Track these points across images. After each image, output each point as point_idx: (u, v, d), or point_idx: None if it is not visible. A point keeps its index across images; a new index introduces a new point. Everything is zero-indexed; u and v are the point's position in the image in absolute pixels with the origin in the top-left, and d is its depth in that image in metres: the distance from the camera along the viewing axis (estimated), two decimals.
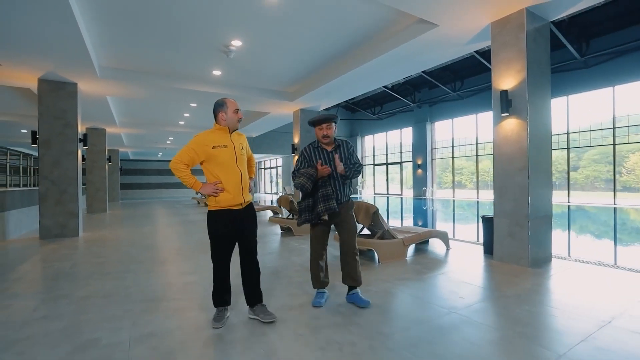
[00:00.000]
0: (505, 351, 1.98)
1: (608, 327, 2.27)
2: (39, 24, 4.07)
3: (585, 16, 10.57)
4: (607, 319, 2.41)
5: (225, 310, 2.43)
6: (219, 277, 2.38)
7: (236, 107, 2.39)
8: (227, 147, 2.33)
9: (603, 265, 3.85)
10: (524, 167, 3.83)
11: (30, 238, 6.22)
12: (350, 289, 2.76)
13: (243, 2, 4.15)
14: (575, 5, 3.77)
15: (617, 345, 2.03)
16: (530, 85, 3.83)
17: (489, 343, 2.08)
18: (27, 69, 5.60)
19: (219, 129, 2.37)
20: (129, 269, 3.93)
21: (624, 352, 1.96)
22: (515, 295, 2.92)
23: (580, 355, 1.92)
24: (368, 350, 1.99)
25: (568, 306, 2.65)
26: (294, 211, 6.52)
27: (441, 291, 3.08)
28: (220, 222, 2.33)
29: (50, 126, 6.21)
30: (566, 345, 2.03)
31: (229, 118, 2.35)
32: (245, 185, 2.39)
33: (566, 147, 13.50)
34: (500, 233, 4.07)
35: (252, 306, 2.45)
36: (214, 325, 2.30)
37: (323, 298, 2.72)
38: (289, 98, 8.22)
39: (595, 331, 2.21)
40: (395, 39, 4.93)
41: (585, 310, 2.56)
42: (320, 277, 2.74)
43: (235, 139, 2.40)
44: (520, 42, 3.84)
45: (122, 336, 2.20)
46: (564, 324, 2.33)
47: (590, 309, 2.58)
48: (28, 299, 2.96)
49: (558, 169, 13.63)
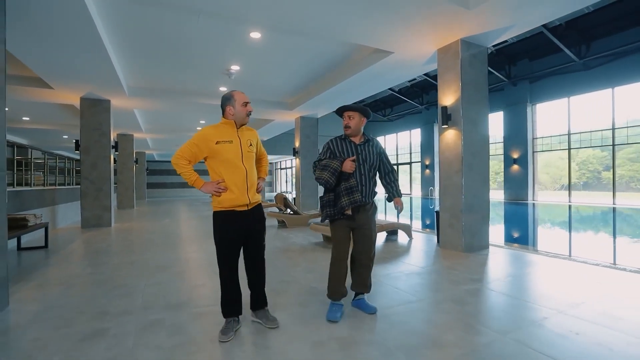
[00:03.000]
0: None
1: (481, 285, 3.15)
2: (83, 60, 5.34)
3: (587, 18, 10.73)
4: (490, 280, 3.28)
5: (235, 321, 2.24)
6: (226, 284, 2.21)
7: (245, 100, 2.21)
8: (232, 143, 2.15)
9: (526, 251, 4.64)
10: (459, 170, 4.67)
11: (73, 227, 7.63)
12: (357, 294, 2.62)
13: (235, 38, 5.25)
14: (500, 37, 4.57)
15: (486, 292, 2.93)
16: (465, 102, 4.66)
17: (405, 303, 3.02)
18: (72, 91, 6.98)
19: (226, 123, 2.21)
20: (148, 248, 5.12)
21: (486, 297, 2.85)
22: (436, 270, 3.81)
23: (458, 294, 2.83)
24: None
25: (466, 278, 3.53)
26: (287, 207, 7.57)
27: (390, 269, 4.01)
28: (224, 224, 2.17)
29: (89, 135, 7.59)
30: (448, 289, 2.94)
31: (237, 111, 2.19)
32: (251, 185, 2.20)
33: (606, 144, 12.59)
34: (443, 224, 4.92)
35: (255, 310, 2.36)
36: (220, 338, 2.10)
37: (339, 312, 2.43)
38: (289, 108, 9.30)
39: (466, 287, 3.10)
40: (365, 62, 5.90)
41: (473, 275, 3.43)
42: (340, 287, 2.46)
43: (242, 134, 2.23)
44: (456, 66, 4.68)
45: (141, 284, 3.32)
46: (453, 281, 3.23)
47: (479, 278, 3.45)
48: (80, 264, 4.18)
49: (589, 168, 13.40)
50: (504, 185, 15.58)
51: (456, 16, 4.02)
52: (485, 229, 4.88)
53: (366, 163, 2.48)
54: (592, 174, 13.58)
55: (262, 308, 2.35)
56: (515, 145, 15.09)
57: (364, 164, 2.47)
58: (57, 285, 3.32)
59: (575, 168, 13.70)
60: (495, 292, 2.99)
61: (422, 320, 2.42)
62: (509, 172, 15.26)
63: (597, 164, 13.25)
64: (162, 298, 2.91)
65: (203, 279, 3.45)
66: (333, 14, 4.03)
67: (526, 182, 14.70)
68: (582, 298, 2.82)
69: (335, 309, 2.43)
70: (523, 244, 6.00)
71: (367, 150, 2.50)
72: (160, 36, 5.15)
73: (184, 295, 2.98)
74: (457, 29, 4.36)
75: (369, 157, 2.50)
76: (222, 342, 2.07)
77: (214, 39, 5.29)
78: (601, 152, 13.30)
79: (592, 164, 13.47)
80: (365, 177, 2.46)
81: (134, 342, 2.11)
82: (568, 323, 2.33)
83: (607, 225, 8.73)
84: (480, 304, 2.74)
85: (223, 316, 2.24)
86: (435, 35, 4.61)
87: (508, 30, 4.42)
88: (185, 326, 2.34)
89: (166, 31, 4.98)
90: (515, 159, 15.07)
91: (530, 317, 2.45)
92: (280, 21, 4.25)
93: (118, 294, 3.01)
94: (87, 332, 2.25)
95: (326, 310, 2.50)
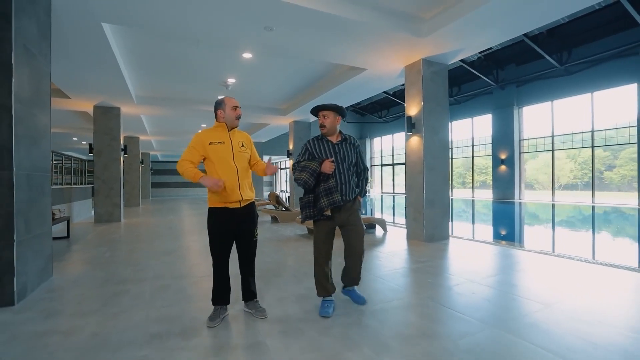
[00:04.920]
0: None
1: (423, 265, 3.92)
2: (99, 76, 6.17)
3: (567, 26, 11.32)
4: (432, 263, 4.06)
5: (223, 309, 2.41)
6: (217, 274, 2.39)
7: (234, 104, 2.39)
8: (224, 144, 2.32)
9: (478, 242, 5.41)
10: (421, 170, 5.43)
11: (88, 222, 8.48)
12: (347, 285, 2.71)
13: (231, 58, 6.08)
14: (456, 57, 5.34)
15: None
16: (426, 113, 5.42)
17: None
18: (87, 100, 7.82)
19: (218, 125, 2.39)
20: (155, 239, 5.94)
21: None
22: (398, 254, 4.60)
23: (408, 269, 3.62)
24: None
25: (421, 262, 4.31)
26: (280, 204, 8.36)
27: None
28: (217, 221, 2.33)
29: (101, 140, 8.43)
30: (391, 267, 3.72)
31: (227, 115, 2.37)
32: (243, 182, 2.34)
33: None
34: (409, 218, 5.69)
35: (247, 301, 2.53)
36: (208, 324, 2.28)
37: (331, 308, 2.48)
38: (282, 113, 10.11)
39: (415, 266, 3.87)
40: (344, 76, 6.73)
41: (421, 258, 4.21)
42: (327, 286, 2.52)
43: (234, 136, 2.40)
44: (419, 82, 5.44)
45: (151, 262, 4.13)
46: (407, 262, 4.01)
47: (425, 260, 4.23)
48: (99, 249, 5.00)
49: (590, 167, 13.70)
50: (492, 184, 16.28)
51: (414, 42, 4.79)
52: (445, 222, 5.64)
53: (345, 162, 2.51)
54: (586, 175, 13.99)
55: (252, 299, 2.51)
56: (503, 146, 15.78)
57: (342, 162, 2.51)
58: (84, 264, 4.14)
59: (573, 168, 14.07)
60: (428, 269, 3.77)
61: (366, 286, 3.20)
62: (497, 172, 15.95)
63: (600, 164, 13.42)
64: (168, 271, 3.72)
65: (199, 260, 4.26)
66: (314, 41, 4.81)
67: (513, 182, 15.39)
68: (494, 271, 3.59)
69: (327, 305, 2.49)
70: (483, 237, 6.76)
71: (344, 149, 2.54)
72: (165, 56, 5.97)
73: (184, 270, 3.79)
74: (418, 51, 5.13)
75: (347, 155, 2.54)
76: (209, 328, 2.25)
77: (213, 59, 6.11)
78: (604, 151, 13.53)
79: (588, 165, 13.80)
80: (345, 176, 2.50)
81: (149, 296, 2.92)
82: (473, 287, 3.11)
83: (562, 219, 9.57)
84: (416, 276, 3.52)
85: (212, 303, 2.40)
86: (401, 55, 5.37)
87: (460, 52, 5.18)
88: (186, 289, 3.14)
89: (171, 53, 5.81)
90: (503, 160, 15.76)
91: (446, 284, 3.23)
92: (267, 47, 5.05)
93: (134, 269, 3.82)
94: (115, 291, 3.06)
95: (300, 290, 3.01)
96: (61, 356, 1.93)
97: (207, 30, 4.41)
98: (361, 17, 4.15)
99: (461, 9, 4.06)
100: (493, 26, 4.30)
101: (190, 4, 3.74)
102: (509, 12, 3.94)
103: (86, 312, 2.56)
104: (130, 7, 3.79)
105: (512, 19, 4.14)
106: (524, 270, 3.66)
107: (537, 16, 4.13)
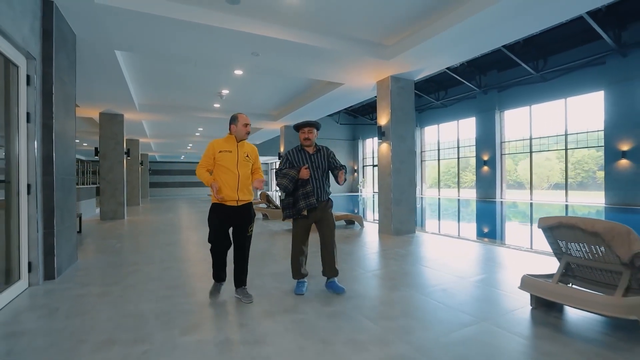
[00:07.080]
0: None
1: (387, 251, 4.75)
2: (107, 88, 6.96)
3: (543, 36, 11.88)
4: (395, 250, 4.89)
5: (221, 284, 2.96)
6: (214, 257, 2.85)
7: (245, 122, 2.84)
8: (231, 152, 2.77)
9: (439, 235, 6.26)
10: (390, 173, 6.26)
11: (94, 220, 9.25)
12: (328, 277, 3.09)
13: (224, 73, 6.89)
14: (420, 74, 6.18)
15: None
16: (394, 123, 6.25)
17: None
18: (94, 107, 8.59)
19: (229, 137, 2.84)
20: (158, 233, 6.74)
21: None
22: (368, 244, 5.43)
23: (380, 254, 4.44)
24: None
25: (388, 250, 5.14)
26: (270, 203, 9.18)
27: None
28: (215, 212, 2.78)
29: (106, 144, 9.20)
30: (365, 255, 4.55)
31: (238, 130, 2.82)
32: (242, 186, 2.77)
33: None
34: (381, 214, 6.52)
35: (237, 287, 2.91)
36: (210, 297, 2.90)
37: (304, 287, 3.03)
38: (274, 119, 10.93)
39: (377, 250, 4.70)
40: (325, 89, 7.57)
41: (388, 247, 5.04)
42: (301, 270, 3.05)
43: (242, 147, 2.83)
44: (388, 96, 6.27)
45: (157, 251, 4.94)
46: (376, 251, 4.84)
47: (388, 248, 5.06)
48: (110, 242, 5.80)
49: (585, 168, 14.46)
50: (475, 184, 17.16)
51: (380, 64, 5.62)
52: (411, 218, 6.47)
53: (319, 169, 3.04)
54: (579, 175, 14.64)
55: (241, 287, 2.91)
56: (485, 148, 16.66)
57: (317, 170, 3.02)
58: (99, 252, 4.93)
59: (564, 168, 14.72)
60: (390, 255, 4.60)
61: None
62: (480, 172, 16.82)
63: (593, 164, 14.21)
64: (172, 257, 4.54)
65: (197, 249, 5.07)
66: (295, 64, 5.63)
67: (494, 182, 16.27)
68: (437, 256, 4.44)
69: (300, 285, 3.04)
70: (446, 231, 7.62)
71: (319, 159, 3.05)
72: (166, 71, 6.78)
73: (185, 256, 4.61)
74: (385, 70, 5.96)
75: (321, 163, 3.05)
76: (210, 296, 2.89)
77: (208, 74, 6.92)
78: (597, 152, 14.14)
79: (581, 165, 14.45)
80: (319, 181, 3.02)
81: (158, 274, 3.72)
82: (421, 268, 3.94)
83: (519, 215, 10.44)
84: (382, 259, 4.35)
85: (213, 279, 2.94)
86: (372, 73, 6.20)
87: (423, 71, 6.02)
88: (187, 269, 3.95)
89: (171, 69, 6.61)
90: (485, 161, 16.64)
91: (404, 268, 4.06)
92: (254, 67, 5.87)
93: (142, 256, 4.62)
94: (130, 271, 3.86)
95: (279, 272, 3.92)
96: (100, 307, 2.74)
97: (204, 55, 5.23)
98: (333, 46, 4.98)
99: (416, 39, 4.88)
100: (447, 52, 5.11)
101: (189, 36, 4.54)
102: (459, 41, 4.67)
103: (111, 283, 3.37)
104: (139, 39, 4.59)
105: (466, 45, 4.83)
106: (461, 256, 4.49)
107: (489, 41, 4.81)
